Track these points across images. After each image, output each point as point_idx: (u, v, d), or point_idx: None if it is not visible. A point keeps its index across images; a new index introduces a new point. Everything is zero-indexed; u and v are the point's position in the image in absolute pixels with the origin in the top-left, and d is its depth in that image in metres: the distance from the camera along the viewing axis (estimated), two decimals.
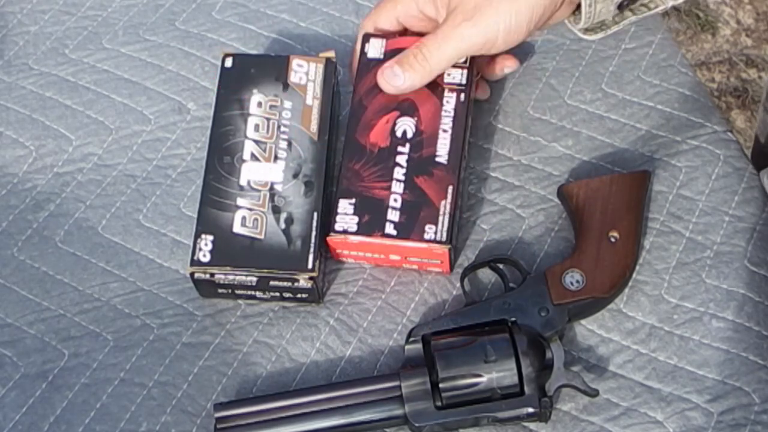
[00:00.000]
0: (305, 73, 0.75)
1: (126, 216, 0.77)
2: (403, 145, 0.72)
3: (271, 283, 0.70)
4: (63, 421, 0.68)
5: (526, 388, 0.64)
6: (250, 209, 0.71)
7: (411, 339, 0.68)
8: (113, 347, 0.71)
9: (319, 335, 0.71)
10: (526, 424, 0.67)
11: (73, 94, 0.83)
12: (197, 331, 0.72)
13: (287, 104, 0.73)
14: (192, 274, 0.70)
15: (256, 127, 0.73)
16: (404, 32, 0.77)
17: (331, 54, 0.76)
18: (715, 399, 0.68)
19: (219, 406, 0.66)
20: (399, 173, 0.71)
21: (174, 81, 0.84)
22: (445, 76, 0.75)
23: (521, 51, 0.84)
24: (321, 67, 0.75)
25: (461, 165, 0.72)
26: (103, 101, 0.83)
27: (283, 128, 0.73)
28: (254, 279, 0.70)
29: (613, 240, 0.70)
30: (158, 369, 0.70)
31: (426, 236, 0.69)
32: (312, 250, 0.69)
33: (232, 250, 0.70)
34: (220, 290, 0.71)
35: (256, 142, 0.72)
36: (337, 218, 0.70)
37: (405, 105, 0.74)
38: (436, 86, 0.74)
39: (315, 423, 0.65)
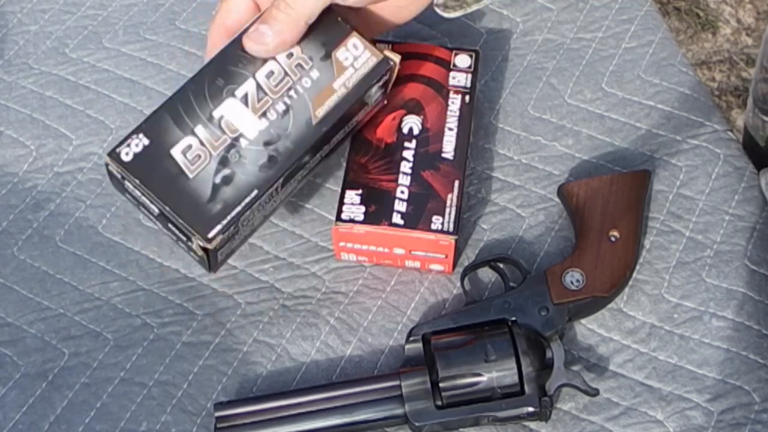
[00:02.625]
0: (355, 57, 0.68)
1: (126, 215, 0.77)
2: (410, 141, 0.73)
3: (169, 225, 0.66)
4: (63, 421, 0.68)
5: (526, 388, 0.65)
6: (201, 143, 0.65)
7: (411, 338, 0.68)
8: (113, 346, 0.71)
9: (319, 334, 0.71)
10: (526, 423, 0.67)
11: (73, 94, 0.83)
12: (197, 330, 0.72)
13: (314, 74, 0.67)
14: (106, 165, 0.65)
15: (269, 74, 0.67)
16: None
17: (394, 56, 0.70)
18: (715, 398, 0.68)
19: (219, 405, 0.66)
20: (406, 167, 0.72)
21: (174, 80, 0.84)
22: (450, 79, 0.76)
23: (521, 51, 0.84)
24: (375, 60, 0.69)
25: (467, 162, 0.73)
26: (104, 101, 0.83)
27: (292, 92, 0.67)
28: (156, 210, 0.65)
29: (613, 239, 0.70)
30: (158, 368, 0.70)
31: (433, 227, 0.70)
32: (225, 222, 0.64)
33: (155, 167, 0.64)
34: (126, 195, 0.67)
35: (259, 88, 0.66)
36: (344, 208, 0.70)
37: (411, 104, 0.75)
38: (441, 88, 0.75)
39: (315, 422, 0.65)
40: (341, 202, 0.71)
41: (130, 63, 0.85)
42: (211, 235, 0.64)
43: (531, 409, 0.64)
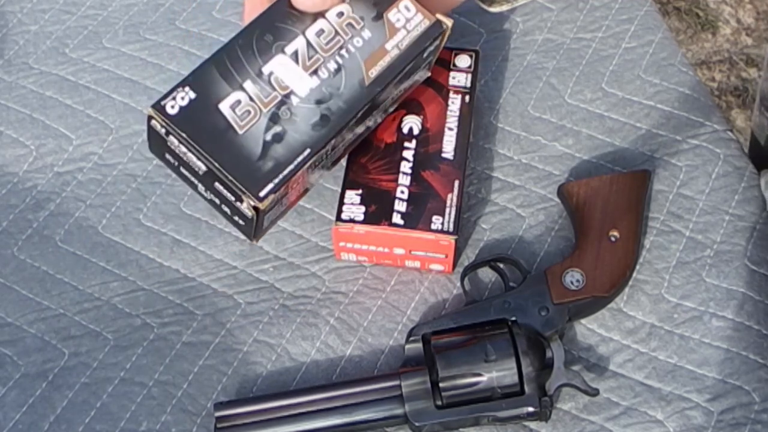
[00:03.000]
0: (407, 19, 0.66)
1: (126, 215, 0.77)
2: (410, 141, 0.73)
3: (216, 184, 0.63)
4: (63, 421, 0.68)
5: (526, 388, 0.65)
6: (250, 98, 0.62)
7: (411, 338, 0.68)
8: (113, 346, 0.71)
9: (319, 334, 0.71)
10: (526, 423, 0.67)
11: (73, 94, 0.83)
12: (197, 330, 0.72)
13: (366, 34, 0.65)
14: (149, 119, 0.62)
15: (320, 32, 0.64)
16: None
17: (446, 20, 0.68)
18: (715, 398, 0.68)
19: (219, 405, 0.66)
20: (406, 167, 0.72)
21: (174, 80, 0.83)
22: (450, 79, 0.76)
23: (521, 51, 0.84)
24: (427, 22, 0.66)
25: (467, 162, 0.73)
26: (104, 100, 0.83)
27: (343, 51, 0.65)
28: (203, 168, 0.62)
29: (613, 239, 0.70)
30: (158, 368, 0.70)
31: (433, 227, 0.70)
32: (276, 180, 0.61)
33: (202, 122, 0.61)
34: (167, 155, 0.64)
35: (309, 45, 0.64)
36: (344, 208, 0.70)
37: (411, 104, 0.75)
38: (441, 88, 0.75)
39: (315, 422, 0.65)
40: (341, 202, 0.71)
41: (130, 63, 0.85)
42: (263, 193, 0.61)
43: (531, 409, 0.64)
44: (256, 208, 0.61)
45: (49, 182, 0.79)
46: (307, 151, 0.63)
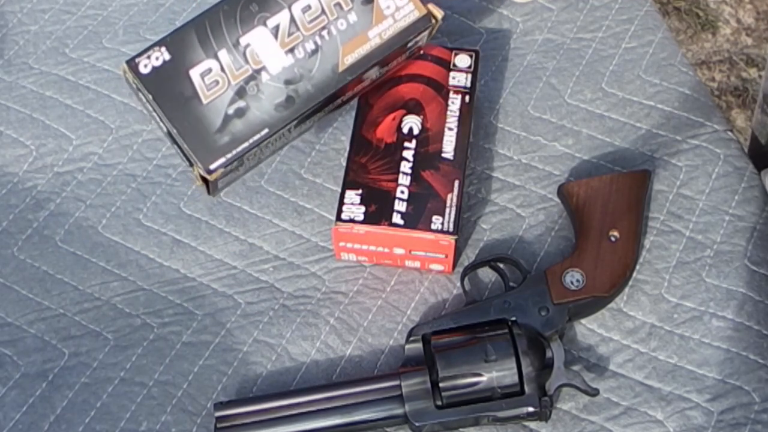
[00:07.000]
0: (398, 7, 0.66)
1: (126, 215, 0.77)
2: (410, 141, 0.73)
3: (175, 145, 0.64)
4: (63, 421, 0.68)
5: (526, 388, 0.65)
6: (222, 68, 0.63)
7: (411, 338, 0.68)
8: (113, 346, 0.71)
9: (319, 334, 0.71)
10: (526, 423, 0.67)
11: (73, 94, 0.83)
12: (197, 330, 0.72)
13: (351, 17, 0.65)
14: (123, 72, 0.64)
15: (306, 8, 0.64)
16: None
17: (437, 12, 0.67)
18: (715, 398, 0.68)
19: (219, 405, 0.66)
20: (406, 167, 0.72)
21: None
22: (450, 79, 0.76)
23: (521, 51, 0.84)
24: (416, 14, 0.66)
25: (467, 162, 0.73)
26: (104, 100, 0.83)
27: (324, 33, 0.64)
28: (164, 128, 0.64)
29: (613, 239, 0.70)
30: (158, 368, 0.70)
31: (433, 227, 0.70)
32: (229, 156, 0.62)
33: (171, 85, 0.62)
34: (140, 98, 0.65)
35: (292, 21, 0.64)
36: (344, 208, 0.70)
37: (411, 104, 0.75)
38: (441, 88, 0.75)
39: (315, 422, 0.65)
40: (341, 202, 0.71)
41: None
42: (213, 167, 0.63)
43: (531, 409, 0.64)
44: (204, 179, 0.63)
45: (49, 182, 0.79)
46: (266, 131, 0.63)
